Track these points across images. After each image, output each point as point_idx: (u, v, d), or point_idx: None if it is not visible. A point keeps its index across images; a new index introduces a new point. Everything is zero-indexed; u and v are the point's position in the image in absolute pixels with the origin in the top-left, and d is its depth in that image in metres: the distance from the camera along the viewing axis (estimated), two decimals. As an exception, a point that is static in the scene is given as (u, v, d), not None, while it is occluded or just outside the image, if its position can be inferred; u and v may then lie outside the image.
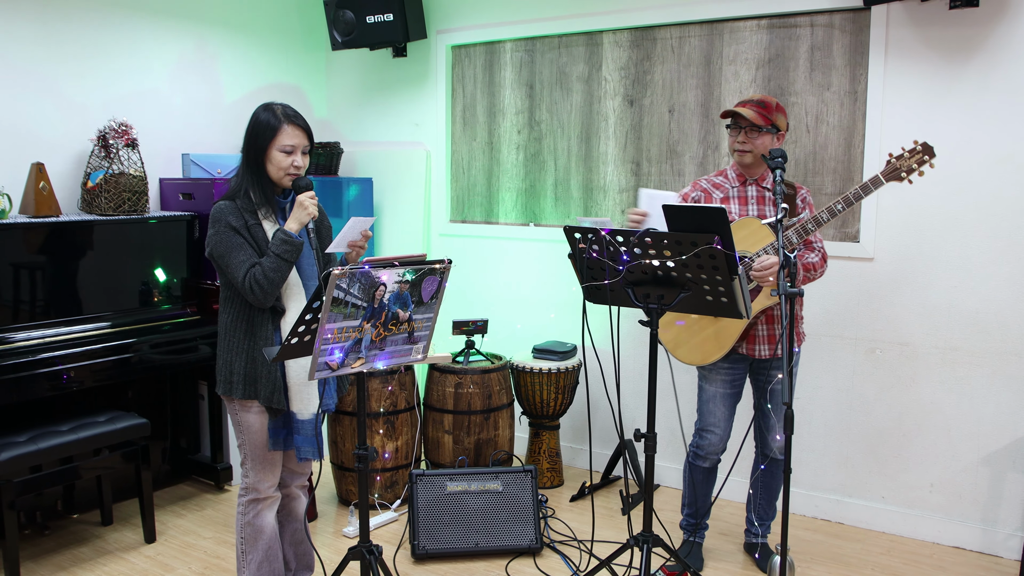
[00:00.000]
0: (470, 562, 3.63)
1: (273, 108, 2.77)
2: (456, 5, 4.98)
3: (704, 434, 3.46)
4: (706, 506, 3.56)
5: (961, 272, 3.71)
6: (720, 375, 3.39)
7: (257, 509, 2.89)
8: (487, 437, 4.24)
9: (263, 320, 2.76)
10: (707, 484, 3.53)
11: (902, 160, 3.14)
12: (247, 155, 2.77)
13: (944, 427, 3.79)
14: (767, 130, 3.21)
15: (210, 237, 2.74)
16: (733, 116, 3.25)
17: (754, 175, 3.34)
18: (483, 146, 5.05)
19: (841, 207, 3.12)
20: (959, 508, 3.79)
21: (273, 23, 5.19)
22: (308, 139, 2.81)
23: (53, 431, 3.56)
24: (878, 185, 3.11)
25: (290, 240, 2.67)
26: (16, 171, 3.97)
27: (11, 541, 3.32)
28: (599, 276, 2.78)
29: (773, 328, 3.29)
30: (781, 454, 3.43)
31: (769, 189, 3.32)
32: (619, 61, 4.51)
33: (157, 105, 4.58)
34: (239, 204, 2.74)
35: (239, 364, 2.76)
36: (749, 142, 3.23)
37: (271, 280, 2.66)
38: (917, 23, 3.70)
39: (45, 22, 4.08)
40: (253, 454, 2.85)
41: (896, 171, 3.14)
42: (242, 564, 2.92)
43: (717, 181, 3.39)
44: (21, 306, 3.75)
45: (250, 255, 2.69)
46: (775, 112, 3.22)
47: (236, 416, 2.83)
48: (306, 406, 2.80)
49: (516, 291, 4.93)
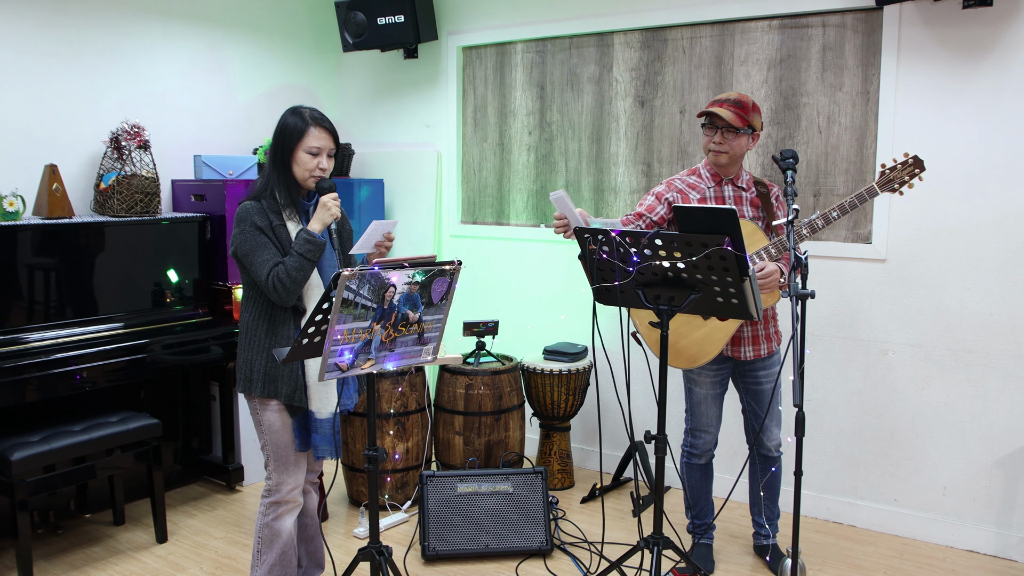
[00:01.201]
0: (480, 563, 3.63)
1: (301, 111, 2.82)
2: (467, 6, 4.99)
3: (699, 434, 3.48)
4: (708, 504, 3.58)
5: (974, 273, 3.68)
6: (708, 377, 3.40)
7: (278, 512, 2.91)
8: (498, 438, 4.24)
9: (284, 319, 2.80)
10: (705, 481, 3.56)
11: (895, 172, 3.16)
12: (274, 156, 2.81)
13: (957, 429, 3.77)
14: (743, 131, 3.19)
15: (235, 236, 2.78)
16: (709, 116, 3.22)
17: (729, 174, 3.32)
18: (494, 147, 5.06)
19: (836, 215, 3.14)
20: (973, 511, 3.76)
21: (285, 25, 5.21)
22: (334, 142, 2.86)
23: (66, 431, 3.58)
24: (873, 195, 3.14)
25: (313, 240, 2.70)
26: (30, 173, 4.00)
27: (24, 540, 3.34)
28: (609, 277, 2.78)
29: (756, 330, 3.32)
30: (778, 451, 3.46)
31: (745, 189, 3.32)
32: (630, 62, 4.50)
33: (169, 107, 4.60)
34: (265, 204, 2.78)
35: (259, 362, 2.80)
36: (726, 143, 3.20)
37: (294, 279, 2.69)
38: (930, 23, 3.68)
39: (59, 26, 4.11)
40: (276, 454, 2.87)
41: (889, 182, 3.17)
42: (256, 563, 2.94)
43: (691, 181, 3.35)
44: (35, 307, 3.77)
45: (274, 254, 2.73)
46: (751, 112, 3.20)
47: (257, 415, 2.87)
48: (324, 405, 2.84)
49: (526, 292, 4.93)
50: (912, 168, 3.15)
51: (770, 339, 3.37)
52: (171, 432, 4.42)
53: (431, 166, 5.21)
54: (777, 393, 3.36)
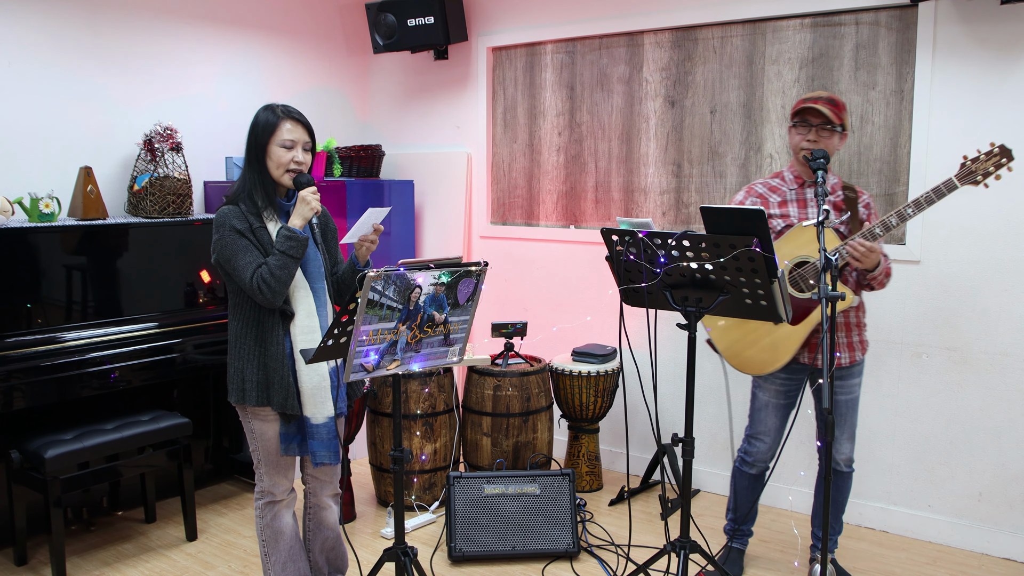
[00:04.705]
0: (507, 565, 3.62)
1: (273, 107, 2.78)
2: (496, 7, 4.99)
3: (753, 441, 3.38)
4: (749, 512, 3.50)
5: (1012, 276, 3.61)
6: (775, 384, 3.29)
7: (274, 511, 2.90)
8: (525, 440, 4.23)
9: (273, 325, 2.73)
10: (752, 491, 3.45)
11: (978, 163, 2.95)
12: (249, 156, 2.77)
13: (994, 434, 3.69)
14: (837, 129, 3.10)
15: (215, 242, 2.72)
16: (803, 113, 3.11)
17: (813, 177, 3.17)
18: (524, 148, 5.05)
19: (912, 211, 2.96)
20: (1009, 518, 3.68)
21: (316, 28, 5.25)
22: (309, 135, 2.80)
23: (99, 429, 3.64)
24: (951, 188, 2.93)
25: (295, 236, 2.64)
26: (65, 175, 4.06)
27: (57, 537, 3.39)
28: (637, 279, 2.76)
29: (836, 336, 3.14)
30: (848, 467, 3.30)
31: (829, 192, 3.18)
32: (660, 62, 4.47)
33: (201, 109, 4.65)
34: (243, 208, 2.73)
35: (251, 371, 2.74)
36: (821, 141, 3.08)
37: (278, 278, 2.63)
38: (966, 19, 3.61)
39: (94, 30, 4.17)
40: (267, 459, 2.85)
41: (971, 174, 2.95)
42: (267, 566, 2.93)
43: (773, 184, 3.26)
44: (71, 307, 3.83)
45: (256, 256, 2.67)
46: (844, 111, 3.12)
47: (249, 424, 2.82)
48: (320, 410, 2.77)
49: (555, 293, 4.92)
50: (998, 158, 2.94)
51: (852, 348, 3.20)
52: (202, 431, 4.46)
53: (461, 167, 5.22)
54: (854, 406, 3.24)
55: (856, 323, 3.22)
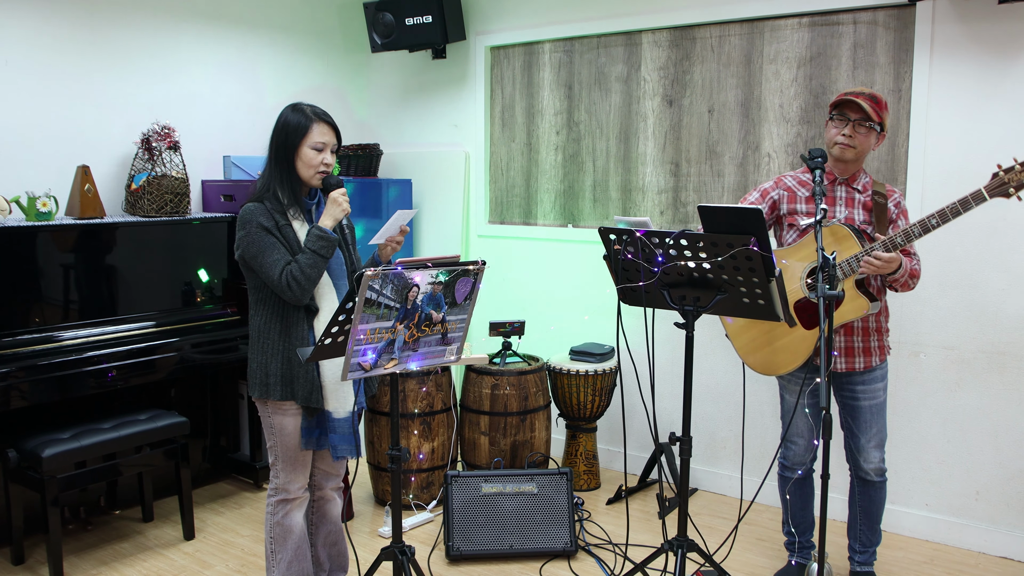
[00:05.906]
0: (504, 564, 3.62)
1: (302, 107, 2.80)
2: (495, 6, 4.99)
3: (789, 444, 3.29)
4: (806, 521, 3.39)
5: (1009, 274, 3.61)
6: (798, 384, 3.23)
7: (286, 509, 2.91)
8: (523, 439, 4.23)
9: (297, 320, 2.77)
10: (801, 496, 3.34)
11: (1012, 174, 2.75)
12: (276, 155, 2.78)
13: (991, 433, 3.69)
14: (875, 127, 3.00)
15: (240, 239, 2.75)
16: (841, 106, 3.02)
17: (845, 175, 3.10)
18: (521, 147, 5.05)
19: (936, 222, 2.83)
20: (1007, 517, 3.69)
21: (314, 27, 5.24)
22: (337, 137, 2.84)
23: (96, 428, 3.63)
24: (980, 201, 2.76)
25: (326, 236, 2.70)
26: (62, 174, 4.06)
27: (55, 536, 3.39)
28: (635, 278, 2.76)
29: (851, 340, 3.10)
30: (879, 476, 3.22)
31: (860, 191, 3.11)
32: (658, 61, 4.47)
33: (199, 108, 4.65)
34: (268, 205, 2.76)
35: (275, 366, 2.78)
36: (856, 136, 2.99)
37: (308, 276, 2.68)
38: (964, 19, 3.61)
39: (92, 28, 4.16)
40: (285, 455, 2.86)
41: (1004, 186, 2.76)
42: (272, 564, 2.94)
43: (804, 179, 3.19)
44: (68, 306, 3.83)
45: (284, 254, 2.71)
46: (885, 111, 3.03)
47: (270, 419, 2.84)
48: (342, 404, 2.81)
49: (553, 292, 4.92)
50: None
51: (869, 352, 3.12)
52: (199, 430, 4.46)
53: (459, 166, 5.22)
54: (880, 411, 3.18)
55: (876, 328, 3.14)
